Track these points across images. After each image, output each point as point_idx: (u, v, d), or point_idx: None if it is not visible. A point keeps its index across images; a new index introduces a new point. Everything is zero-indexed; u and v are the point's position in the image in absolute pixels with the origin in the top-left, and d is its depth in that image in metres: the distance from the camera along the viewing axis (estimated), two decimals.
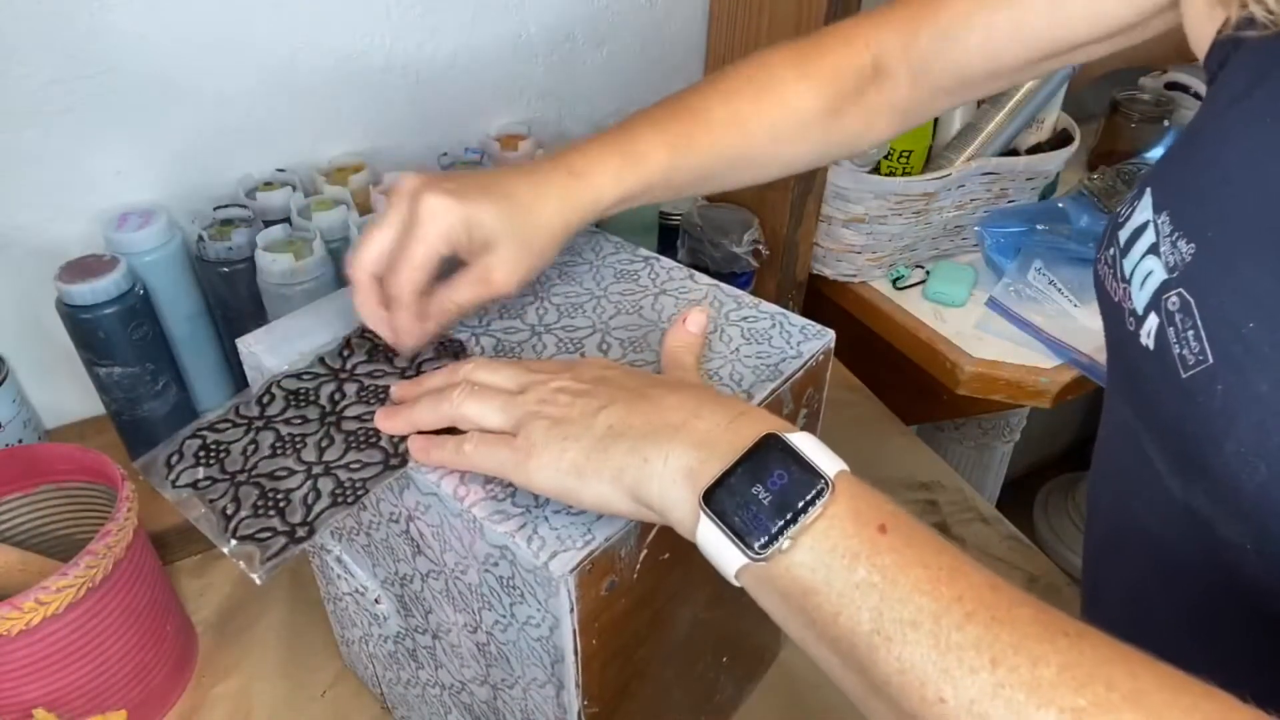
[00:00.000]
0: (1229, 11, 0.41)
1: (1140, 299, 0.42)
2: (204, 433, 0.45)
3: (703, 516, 0.33)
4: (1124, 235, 0.44)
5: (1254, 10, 0.39)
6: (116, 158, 0.74)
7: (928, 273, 1.01)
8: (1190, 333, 0.39)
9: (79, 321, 0.67)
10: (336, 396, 0.46)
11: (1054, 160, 0.99)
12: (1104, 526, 0.53)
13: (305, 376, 0.48)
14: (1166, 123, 1.18)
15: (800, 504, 0.32)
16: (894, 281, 1.01)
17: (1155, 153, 1.10)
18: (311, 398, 0.46)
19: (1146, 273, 0.42)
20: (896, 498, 0.33)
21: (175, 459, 0.44)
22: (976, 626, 0.28)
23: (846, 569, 0.31)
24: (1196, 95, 1.19)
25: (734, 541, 0.33)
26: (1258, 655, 0.42)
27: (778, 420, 0.36)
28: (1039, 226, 0.99)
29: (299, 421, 0.45)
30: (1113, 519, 0.52)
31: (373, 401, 0.46)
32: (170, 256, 0.73)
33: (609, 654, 0.42)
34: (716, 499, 0.33)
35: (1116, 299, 0.45)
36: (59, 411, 0.83)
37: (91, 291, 0.66)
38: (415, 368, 0.48)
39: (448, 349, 0.49)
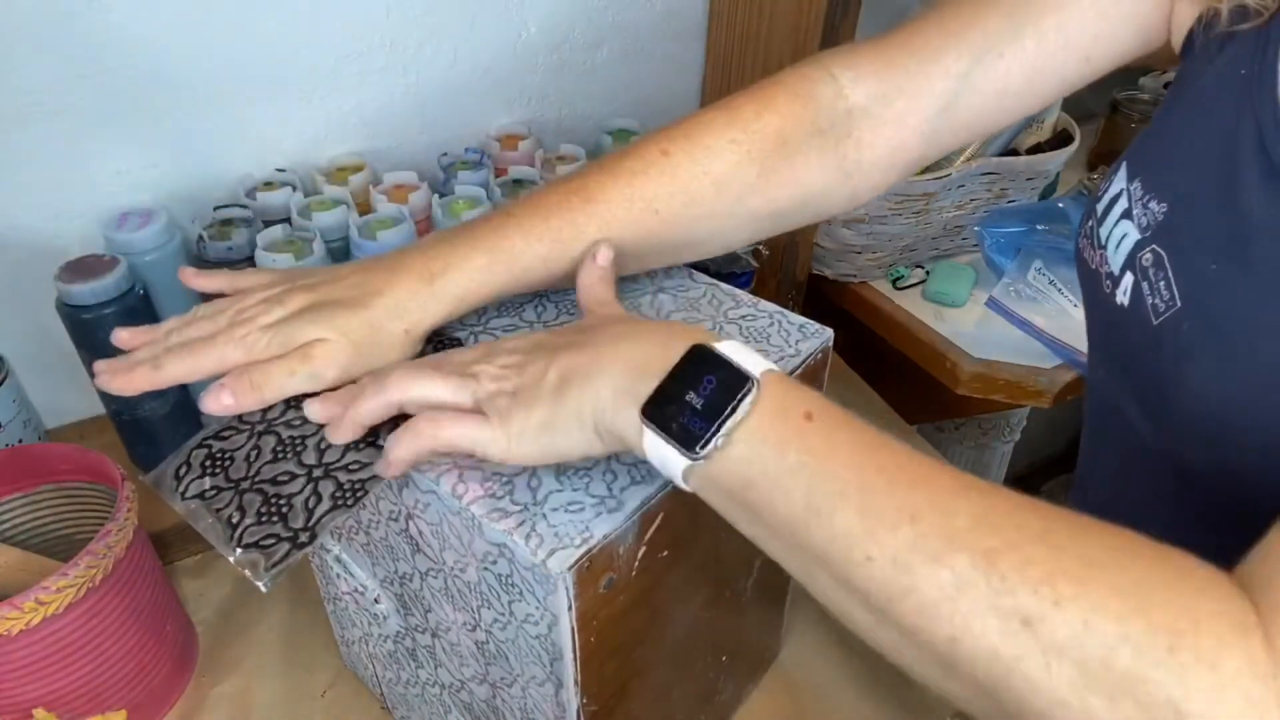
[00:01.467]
0: (1218, 4, 0.44)
1: (1116, 260, 0.45)
2: (210, 442, 0.45)
3: (645, 429, 0.36)
4: (1100, 206, 0.48)
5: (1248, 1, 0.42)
6: (116, 158, 0.74)
7: (928, 273, 1.01)
8: (1162, 283, 0.42)
9: (79, 321, 0.67)
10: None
11: (1054, 160, 0.99)
12: (1092, 494, 0.56)
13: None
14: None
15: (730, 404, 0.34)
16: (894, 281, 1.01)
17: None
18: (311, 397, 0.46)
19: (1121, 236, 0.45)
20: None
21: (183, 470, 0.44)
22: (898, 490, 0.32)
23: (778, 456, 0.34)
24: None
25: (675, 447, 0.35)
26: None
27: (707, 333, 0.38)
28: (1039, 226, 0.99)
29: (299, 423, 0.45)
30: (1098, 485, 0.55)
31: None
32: (170, 256, 0.73)
33: (608, 652, 0.42)
34: (655, 411, 0.36)
35: (1094, 266, 0.47)
36: (59, 411, 0.83)
37: (91, 291, 0.66)
38: None
39: (444, 348, 0.49)
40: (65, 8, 0.67)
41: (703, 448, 0.34)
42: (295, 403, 0.46)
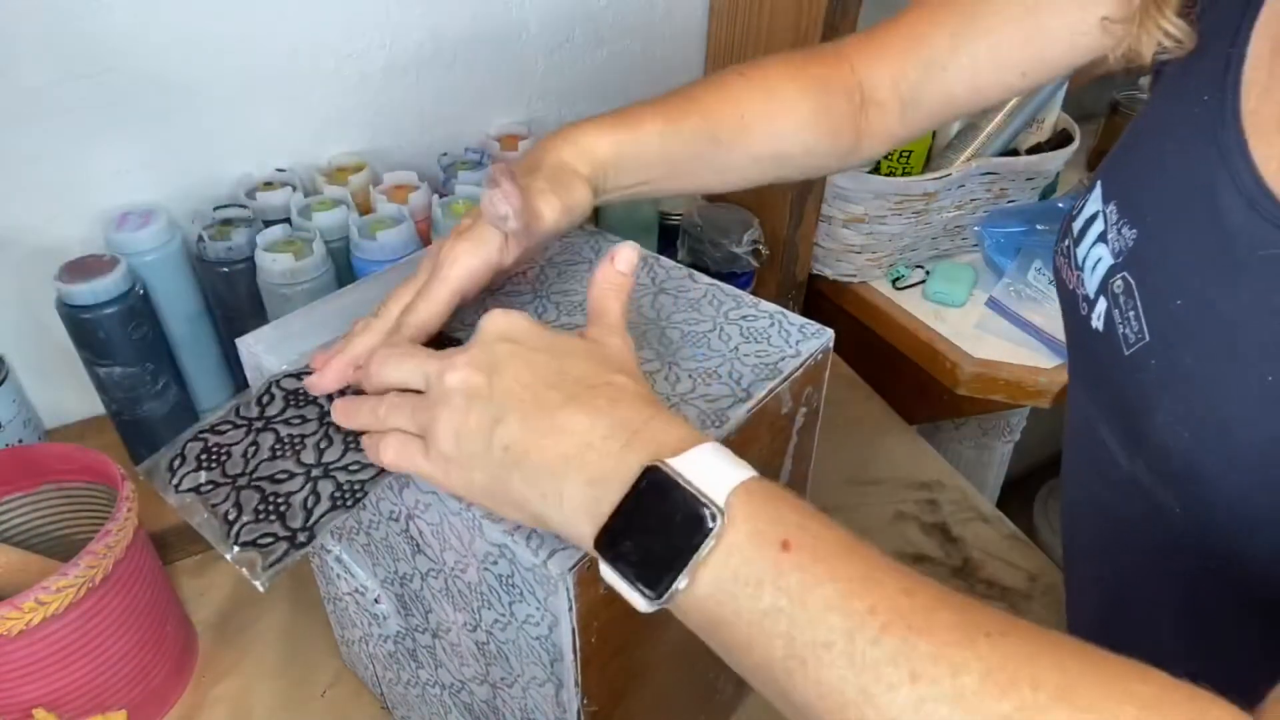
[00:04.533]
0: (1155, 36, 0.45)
1: (1091, 284, 0.45)
2: (205, 435, 0.45)
3: (602, 561, 0.32)
4: (1077, 226, 0.48)
5: (1165, 43, 0.44)
6: (116, 158, 0.74)
7: (928, 273, 1.01)
8: (1132, 313, 0.42)
9: (79, 321, 0.67)
10: (336, 396, 0.46)
11: (1054, 160, 0.99)
12: (1071, 504, 0.56)
13: (305, 376, 0.48)
14: None
15: (692, 540, 0.30)
16: (894, 281, 1.01)
17: None
18: (311, 397, 0.46)
19: (1096, 259, 0.45)
20: (896, 497, 0.32)
21: (177, 462, 0.44)
22: (892, 639, 0.27)
23: (751, 597, 0.30)
24: None
25: (632, 587, 0.32)
26: (1203, 607, 0.45)
27: (675, 433, 0.34)
28: (1039, 226, 0.99)
29: (298, 422, 0.45)
30: (1075, 496, 0.55)
31: None
32: (170, 256, 0.73)
33: (608, 653, 0.42)
34: (612, 542, 0.32)
35: (1071, 286, 0.48)
36: (59, 411, 0.83)
37: (91, 291, 0.66)
38: None
39: (446, 346, 0.49)
40: (65, 8, 0.67)
41: (664, 591, 0.31)
42: (295, 402, 0.46)
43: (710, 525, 0.30)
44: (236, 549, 0.40)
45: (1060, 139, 1.03)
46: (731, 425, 0.44)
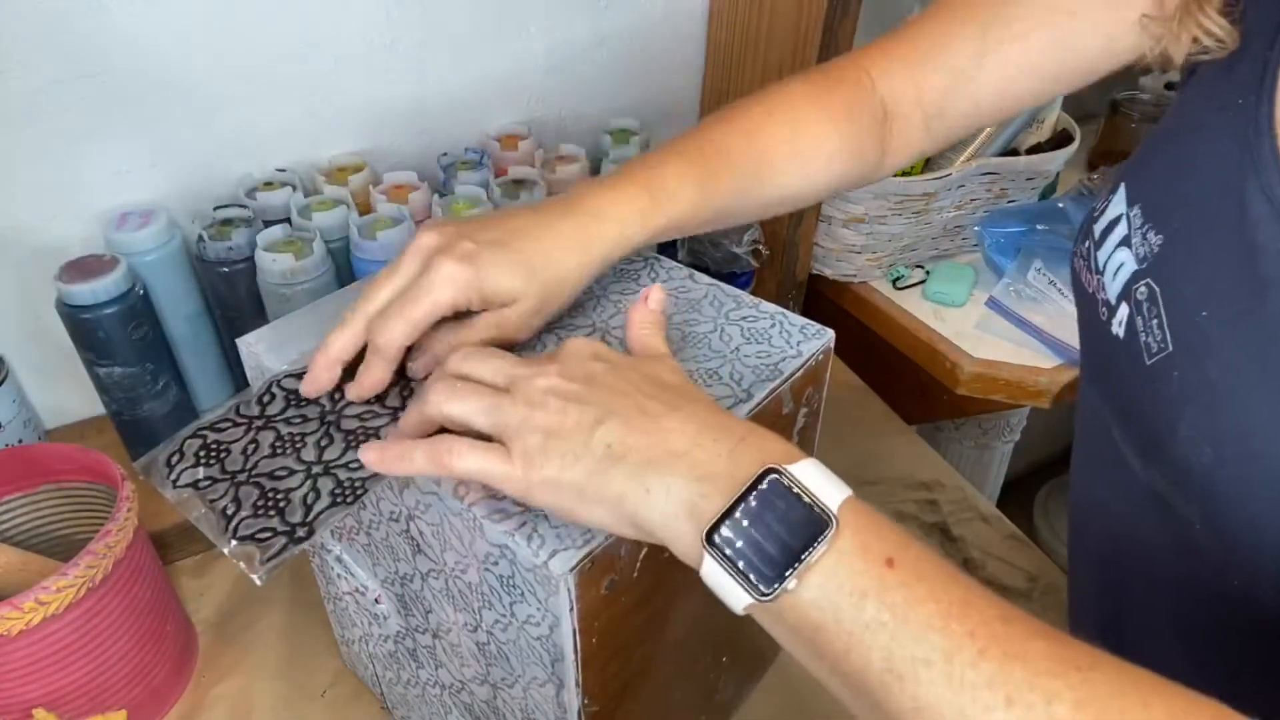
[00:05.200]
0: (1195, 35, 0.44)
1: (1113, 289, 0.44)
2: (204, 432, 0.45)
3: (707, 556, 0.33)
4: (1098, 229, 0.46)
5: (1205, 42, 0.42)
6: (116, 158, 0.74)
7: (928, 273, 1.01)
8: (1155, 321, 0.41)
9: (79, 321, 0.67)
10: (336, 395, 0.46)
11: (1054, 160, 0.99)
12: (1078, 506, 0.56)
13: (305, 375, 0.48)
14: None
15: (804, 543, 0.31)
16: (894, 281, 1.01)
17: None
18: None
19: (1119, 264, 0.44)
20: (896, 497, 0.33)
21: (176, 459, 0.44)
22: (990, 663, 0.28)
23: (855, 607, 0.30)
24: None
25: (739, 582, 0.32)
26: (1219, 622, 0.44)
27: (780, 445, 0.35)
28: (1039, 226, 0.99)
29: (299, 421, 0.45)
30: (1084, 497, 0.54)
31: (373, 400, 0.46)
32: (170, 256, 0.73)
33: (609, 653, 0.42)
34: (719, 538, 0.32)
35: (1090, 290, 0.46)
36: (59, 411, 0.83)
37: (91, 291, 0.66)
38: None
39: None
40: (65, 8, 0.67)
41: (769, 588, 0.31)
42: (295, 400, 0.46)
43: (826, 531, 0.31)
44: (234, 543, 0.40)
45: (1060, 139, 1.03)
46: None
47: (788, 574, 0.31)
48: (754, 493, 0.32)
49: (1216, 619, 0.44)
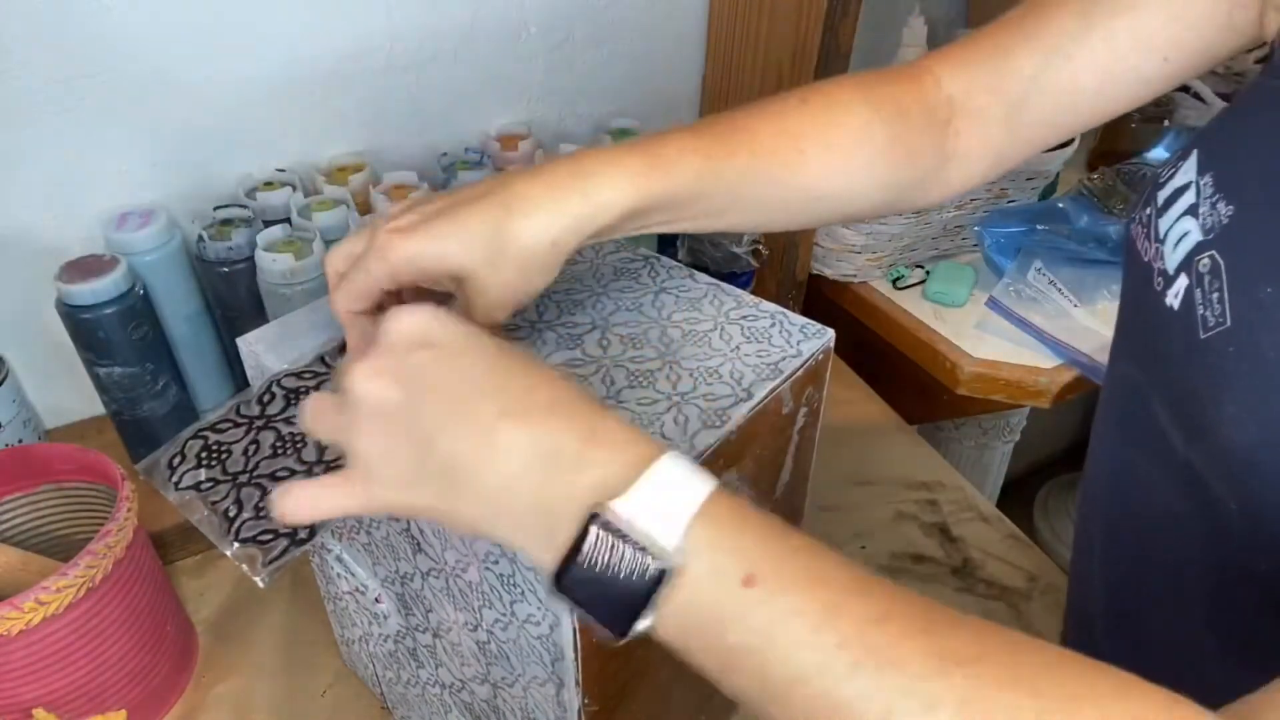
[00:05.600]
0: None
1: (1172, 260, 0.41)
2: (205, 433, 0.45)
3: (563, 600, 0.31)
4: (1163, 195, 0.44)
5: None
6: (116, 158, 0.74)
7: (928, 273, 1.01)
8: (1215, 295, 0.39)
9: (79, 321, 0.67)
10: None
11: (1054, 160, 1.00)
12: (1097, 483, 0.53)
13: (305, 375, 0.48)
14: (1166, 123, 1.18)
15: (647, 588, 0.29)
16: (894, 281, 1.01)
17: (1155, 153, 1.10)
18: None
19: (1182, 233, 0.41)
20: (896, 497, 0.32)
21: (177, 460, 0.44)
22: (864, 676, 0.27)
23: (718, 635, 0.29)
24: (1196, 95, 1.19)
25: (596, 621, 0.30)
26: (1248, 608, 0.43)
27: (623, 455, 0.31)
28: (1039, 226, 0.99)
29: (298, 420, 0.45)
30: (1106, 474, 0.51)
31: None
32: (170, 256, 0.73)
33: (609, 652, 0.42)
34: (566, 585, 0.30)
35: (1147, 259, 0.44)
36: (59, 411, 0.83)
37: (91, 291, 0.66)
38: None
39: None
40: (65, 7, 0.67)
41: (626, 632, 0.29)
42: (295, 400, 0.46)
43: (664, 575, 0.29)
44: (236, 545, 0.40)
45: None
46: (732, 425, 0.44)
47: (639, 618, 0.29)
48: (580, 552, 0.30)
49: (1248, 603, 0.43)
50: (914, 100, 0.50)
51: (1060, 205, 1.01)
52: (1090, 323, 0.91)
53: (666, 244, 0.94)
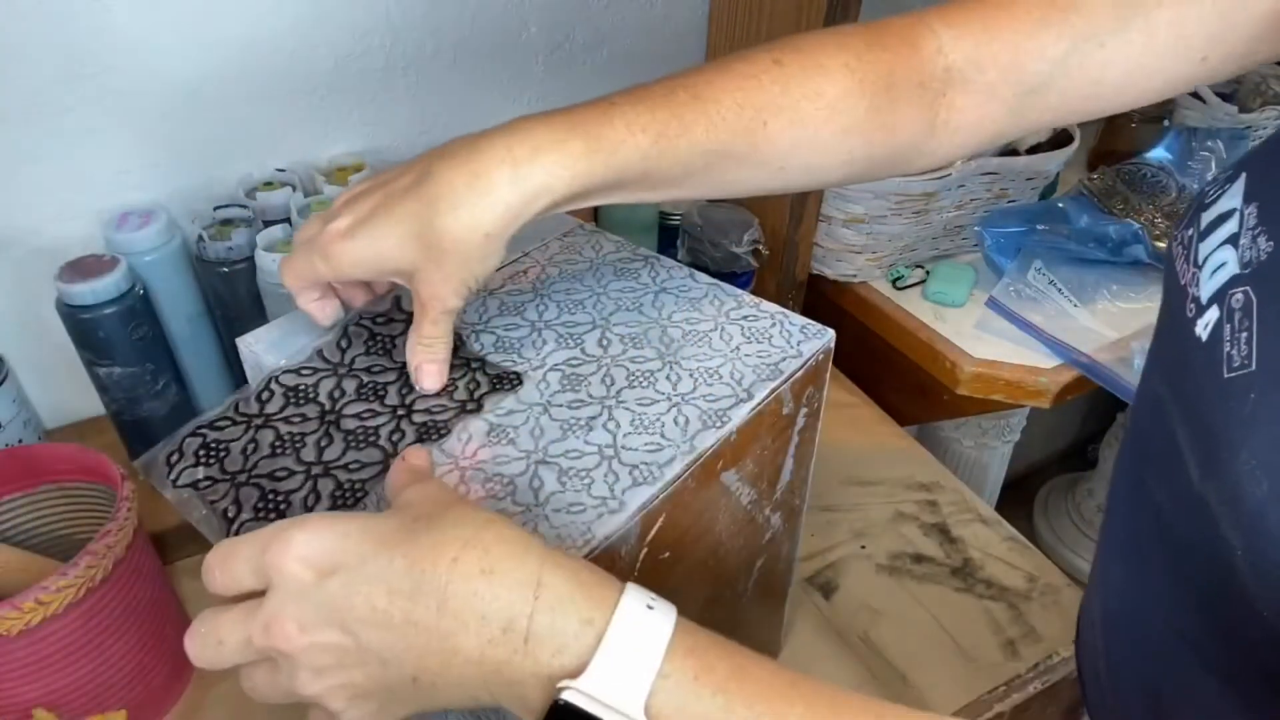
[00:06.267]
0: None
1: (1207, 289, 0.40)
2: (204, 431, 0.45)
3: None
4: (1206, 218, 0.41)
5: None
6: (116, 157, 0.74)
7: (928, 273, 1.01)
8: (1244, 334, 0.37)
9: (79, 321, 0.67)
10: (336, 394, 0.46)
11: (1054, 160, 1.00)
12: (1121, 495, 0.51)
13: (304, 371, 0.48)
14: (1166, 123, 1.19)
15: None
16: (894, 281, 1.01)
17: (1155, 153, 1.10)
18: (310, 395, 0.46)
19: (1220, 263, 0.39)
20: (896, 498, 0.32)
21: (175, 458, 0.44)
22: None
23: None
24: (1197, 95, 1.19)
25: None
26: (1254, 646, 0.41)
27: (568, 612, 0.31)
28: (1039, 226, 0.99)
29: (298, 420, 0.45)
30: (1131, 484, 0.50)
31: (372, 399, 0.46)
32: (170, 256, 0.73)
33: None
34: None
35: (1183, 282, 0.42)
36: (59, 411, 0.83)
37: (91, 291, 0.66)
38: None
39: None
40: (65, 8, 0.67)
41: None
42: (294, 399, 0.46)
43: None
44: None
45: (1060, 139, 1.03)
46: (733, 425, 0.44)
47: None
48: (558, 712, 0.30)
49: (1244, 641, 0.41)
50: (907, 71, 0.46)
51: (1060, 205, 1.01)
52: (1090, 323, 0.91)
53: (666, 245, 0.94)
